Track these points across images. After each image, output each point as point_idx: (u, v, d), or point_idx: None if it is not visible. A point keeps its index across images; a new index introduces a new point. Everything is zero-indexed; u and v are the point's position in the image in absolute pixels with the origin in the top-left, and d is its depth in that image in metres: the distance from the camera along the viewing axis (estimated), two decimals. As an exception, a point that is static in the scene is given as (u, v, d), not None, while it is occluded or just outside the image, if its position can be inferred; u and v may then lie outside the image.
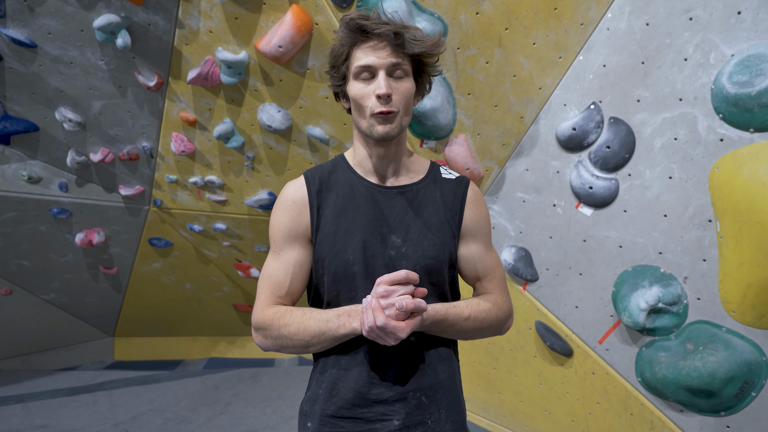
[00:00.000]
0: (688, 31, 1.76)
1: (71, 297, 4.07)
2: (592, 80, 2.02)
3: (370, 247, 1.10)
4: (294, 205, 1.13)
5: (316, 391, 1.15)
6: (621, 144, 1.97)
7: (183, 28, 2.39)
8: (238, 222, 3.36)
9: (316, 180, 1.15)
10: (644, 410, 2.13)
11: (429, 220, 1.13)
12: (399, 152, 1.15)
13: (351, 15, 1.04)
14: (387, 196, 1.13)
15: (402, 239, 1.11)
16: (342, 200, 1.13)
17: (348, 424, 1.11)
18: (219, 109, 2.70)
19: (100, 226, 3.51)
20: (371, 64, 1.04)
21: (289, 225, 1.13)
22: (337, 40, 1.08)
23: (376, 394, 1.10)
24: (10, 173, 3.08)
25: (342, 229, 1.11)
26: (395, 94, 1.05)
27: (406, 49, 1.04)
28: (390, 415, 1.10)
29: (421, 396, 1.12)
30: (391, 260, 1.10)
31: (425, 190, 1.16)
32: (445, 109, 2.21)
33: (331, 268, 1.11)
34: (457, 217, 1.16)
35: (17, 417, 3.21)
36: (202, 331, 4.69)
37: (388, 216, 1.12)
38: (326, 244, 1.11)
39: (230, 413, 3.28)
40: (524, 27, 2.02)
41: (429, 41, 1.06)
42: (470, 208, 1.18)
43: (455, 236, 1.16)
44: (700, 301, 1.88)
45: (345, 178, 1.15)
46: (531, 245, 2.35)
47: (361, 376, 1.10)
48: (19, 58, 2.55)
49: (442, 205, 1.15)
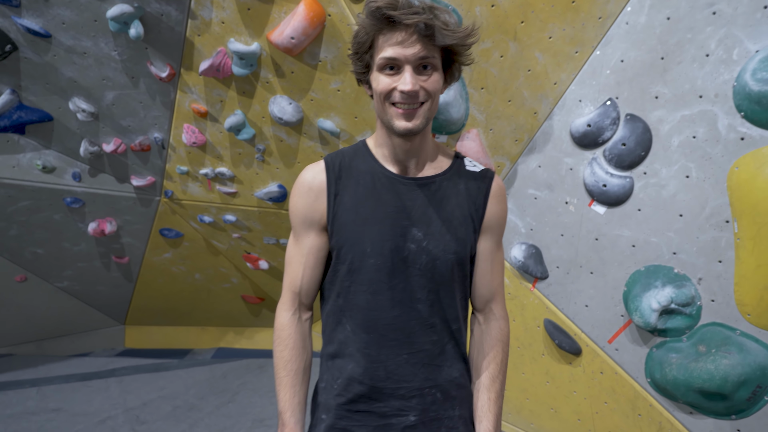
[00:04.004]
0: (710, 26, 1.71)
1: (84, 285, 4.13)
2: (609, 76, 1.98)
3: (390, 239, 1.06)
4: (310, 192, 1.10)
5: (331, 383, 1.14)
6: (637, 141, 1.93)
7: (195, 19, 2.38)
8: (248, 214, 3.37)
9: (336, 166, 1.11)
10: (653, 411, 2.11)
11: (452, 213, 1.09)
12: (423, 144, 1.10)
13: (377, 3, 0.94)
14: (409, 187, 1.09)
15: (423, 233, 1.07)
16: (362, 189, 1.09)
17: (364, 418, 1.10)
18: (230, 101, 2.69)
19: (112, 216, 3.54)
20: (397, 57, 0.96)
21: (305, 211, 1.11)
22: (361, 26, 1.00)
23: (392, 390, 1.09)
24: (25, 162, 3.12)
25: (360, 219, 1.07)
26: (421, 89, 0.98)
27: (437, 41, 0.96)
28: (406, 410, 1.10)
29: (436, 392, 1.12)
30: (411, 254, 1.07)
31: (449, 183, 1.11)
32: (458, 103, 2.18)
33: (347, 258, 1.09)
34: (480, 212, 1.12)
35: (32, 400, 3.27)
36: (210, 321, 4.74)
37: (409, 208, 1.08)
38: (343, 233, 1.08)
39: (238, 402, 3.32)
40: (540, 20, 1.98)
41: (461, 32, 0.98)
42: (493, 203, 1.14)
43: (477, 231, 1.13)
44: (714, 303, 1.84)
45: (366, 166, 1.11)
46: (542, 243, 2.33)
47: (377, 372, 1.09)
48: (34, 47, 2.56)
49: (465, 198, 1.11)
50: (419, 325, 1.09)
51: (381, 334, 1.08)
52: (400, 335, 1.09)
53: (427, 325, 1.10)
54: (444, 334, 1.12)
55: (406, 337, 1.09)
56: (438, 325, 1.11)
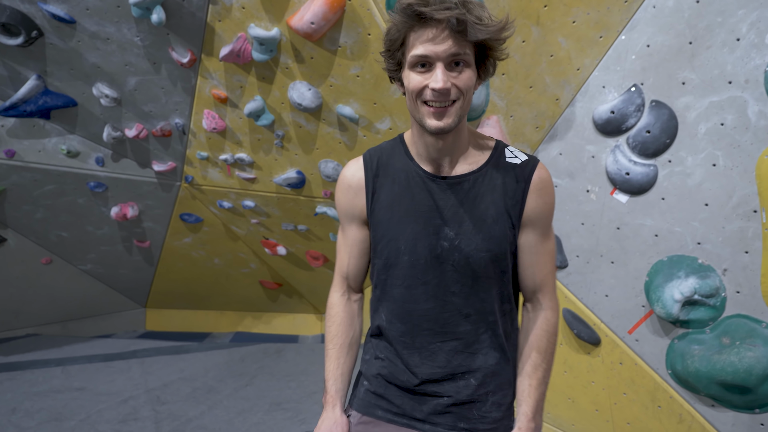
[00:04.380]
0: (742, 9, 1.65)
1: (106, 268, 4.22)
2: (634, 61, 1.93)
3: (423, 237, 1.09)
4: (350, 189, 1.16)
5: (371, 359, 1.23)
6: (662, 128, 1.88)
7: (216, 4, 2.39)
8: (267, 200, 3.39)
9: (374, 164, 1.15)
10: (673, 403, 2.08)
11: (486, 211, 1.08)
12: (457, 142, 1.08)
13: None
14: (441, 186, 1.09)
15: (455, 232, 1.08)
16: (397, 188, 1.12)
17: (399, 393, 1.17)
18: (250, 87, 2.70)
19: (134, 201, 3.61)
20: (428, 54, 0.95)
21: (346, 207, 1.18)
22: (392, 24, 0.98)
23: (428, 374, 1.14)
24: (50, 147, 3.18)
25: (395, 218, 1.11)
26: (454, 87, 0.97)
27: (469, 36, 0.93)
28: (440, 393, 1.14)
29: (470, 378, 1.15)
30: (444, 251, 1.09)
31: (484, 179, 1.09)
32: (478, 89, 2.16)
33: (383, 253, 1.14)
34: (518, 206, 1.09)
35: (57, 379, 3.37)
36: (229, 305, 4.81)
37: (442, 207, 1.09)
38: (380, 230, 1.14)
39: (255, 386, 3.37)
40: (564, 4, 1.94)
41: (495, 26, 0.95)
42: (533, 197, 1.09)
43: (515, 226, 1.10)
44: (739, 295, 1.81)
45: (402, 164, 1.13)
46: (561, 231, 2.30)
47: (412, 357, 1.15)
48: (59, 33, 2.60)
49: (502, 193, 1.08)
50: (453, 316, 1.12)
51: (415, 324, 1.13)
52: (434, 325, 1.13)
53: (462, 315, 1.12)
54: (480, 324, 1.13)
55: (440, 327, 1.13)
56: (473, 316, 1.12)
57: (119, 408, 2.97)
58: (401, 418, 1.17)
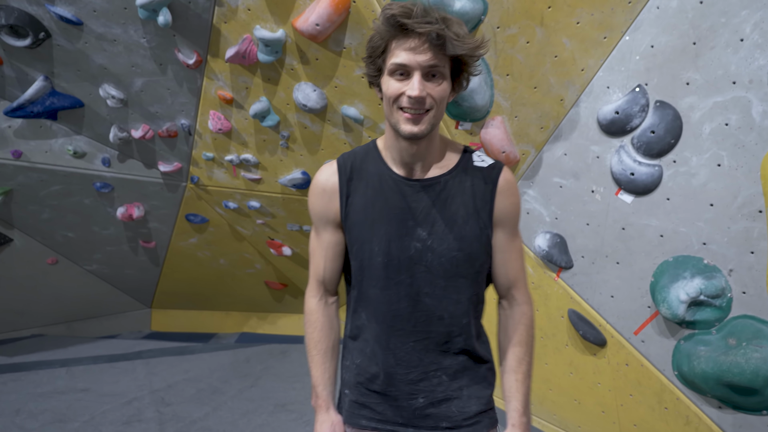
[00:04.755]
0: (746, 10, 1.65)
1: (112, 268, 4.24)
2: (638, 61, 1.93)
3: (396, 239, 1.13)
4: (324, 193, 1.19)
5: (351, 364, 1.26)
6: (667, 129, 1.88)
7: (222, 6, 2.41)
8: (272, 200, 3.41)
9: (347, 168, 1.18)
10: (680, 405, 2.07)
11: (456, 212, 1.13)
12: (429, 147, 1.14)
13: (392, 10, 0.99)
14: (414, 189, 1.14)
15: (428, 232, 1.13)
16: (371, 191, 1.16)
17: (380, 397, 1.21)
18: (255, 88, 2.72)
19: (140, 201, 3.62)
20: (407, 63, 1.01)
21: (321, 210, 1.20)
22: (376, 32, 1.05)
23: (402, 375, 1.18)
24: (57, 148, 3.21)
25: (369, 220, 1.15)
26: (429, 96, 1.03)
27: (447, 50, 1.00)
28: (414, 393, 1.18)
29: (442, 374, 1.18)
30: (417, 252, 1.13)
31: (454, 182, 1.15)
32: (482, 90, 2.16)
33: (358, 255, 1.18)
34: (488, 207, 1.15)
35: (62, 380, 3.39)
36: (234, 306, 4.82)
37: (414, 209, 1.13)
38: (354, 232, 1.17)
39: (260, 386, 3.38)
40: (568, 5, 1.94)
41: (471, 43, 1.02)
42: (501, 198, 1.15)
43: (487, 226, 1.15)
44: (745, 295, 1.80)
45: (375, 168, 1.17)
46: (566, 232, 2.30)
47: (388, 358, 1.18)
48: (66, 35, 2.62)
49: (471, 195, 1.14)
50: (426, 317, 1.16)
51: (390, 324, 1.16)
52: (407, 325, 1.16)
53: (434, 317, 1.16)
54: (452, 325, 1.17)
55: (413, 327, 1.16)
56: (446, 318, 1.16)
57: (123, 409, 2.98)
58: (385, 425, 1.20)
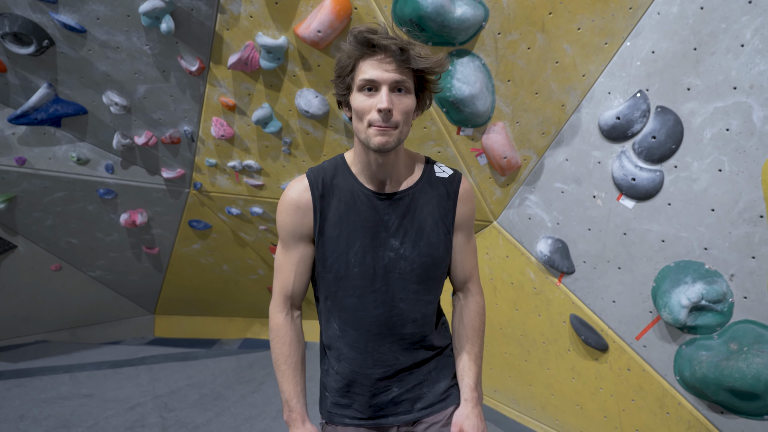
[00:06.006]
0: (746, 15, 1.66)
1: (116, 275, 4.26)
2: (639, 67, 1.94)
3: (371, 250, 1.22)
4: (298, 210, 1.23)
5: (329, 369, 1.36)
6: (668, 134, 1.89)
7: (224, 13, 2.42)
8: (274, 206, 3.42)
9: (319, 184, 1.23)
10: (681, 410, 2.07)
11: (425, 221, 1.24)
12: (397, 160, 1.21)
13: (359, 28, 1.08)
14: (386, 203, 1.22)
15: (400, 242, 1.22)
16: (344, 206, 1.22)
17: (358, 396, 1.31)
18: (258, 94, 2.73)
19: (144, 208, 3.64)
20: (375, 78, 1.08)
21: (293, 227, 1.24)
22: (344, 52, 1.12)
23: (380, 373, 1.28)
24: (60, 154, 3.23)
25: (344, 234, 1.22)
26: (396, 110, 1.09)
27: (411, 64, 1.08)
28: (390, 386, 1.30)
29: (414, 367, 1.31)
30: (390, 261, 1.22)
31: (420, 193, 1.25)
32: (484, 95, 2.17)
33: (333, 267, 1.23)
34: (450, 215, 1.27)
35: (66, 385, 3.39)
36: (237, 312, 4.82)
37: (387, 222, 1.22)
38: (329, 246, 1.23)
39: (263, 392, 3.38)
40: (569, 11, 1.95)
41: (433, 59, 1.10)
42: (461, 205, 1.28)
43: (449, 232, 1.28)
44: (746, 300, 1.80)
45: (346, 183, 1.23)
46: (568, 237, 2.30)
47: (366, 361, 1.28)
48: (70, 42, 2.64)
49: (436, 205, 1.26)
50: (401, 320, 1.26)
51: (367, 330, 1.25)
52: (384, 329, 1.26)
53: (409, 319, 1.27)
54: (425, 325, 1.29)
55: (389, 330, 1.26)
56: (419, 320, 1.28)
57: (127, 415, 2.99)
58: (366, 421, 1.31)
